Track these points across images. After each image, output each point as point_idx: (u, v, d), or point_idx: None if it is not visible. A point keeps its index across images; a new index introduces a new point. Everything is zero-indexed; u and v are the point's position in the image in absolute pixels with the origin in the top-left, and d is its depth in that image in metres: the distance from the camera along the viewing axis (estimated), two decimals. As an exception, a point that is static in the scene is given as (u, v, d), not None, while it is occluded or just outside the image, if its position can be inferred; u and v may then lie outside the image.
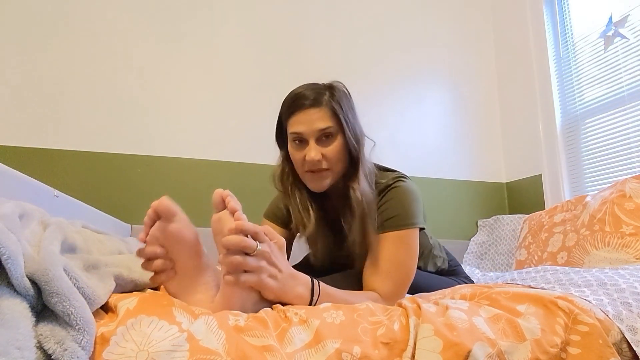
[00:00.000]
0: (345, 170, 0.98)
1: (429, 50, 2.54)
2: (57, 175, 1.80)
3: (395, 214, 0.94)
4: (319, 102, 0.94)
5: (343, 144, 0.95)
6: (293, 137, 0.97)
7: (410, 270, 0.93)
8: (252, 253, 0.64)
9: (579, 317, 0.70)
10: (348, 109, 0.97)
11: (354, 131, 0.96)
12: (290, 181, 1.03)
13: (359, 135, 0.97)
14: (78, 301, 0.47)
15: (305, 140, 0.95)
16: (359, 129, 0.99)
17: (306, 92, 0.95)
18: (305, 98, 0.95)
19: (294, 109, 0.96)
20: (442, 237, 2.17)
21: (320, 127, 0.93)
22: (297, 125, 0.95)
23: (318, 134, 0.94)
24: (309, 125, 0.93)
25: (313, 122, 0.93)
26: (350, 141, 0.95)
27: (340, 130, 0.95)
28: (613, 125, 1.97)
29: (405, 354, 0.60)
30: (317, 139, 0.94)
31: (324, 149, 0.94)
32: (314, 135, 0.94)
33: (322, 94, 0.95)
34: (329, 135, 0.94)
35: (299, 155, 0.96)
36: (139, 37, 2.03)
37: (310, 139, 0.94)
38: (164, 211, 0.65)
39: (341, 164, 0.97)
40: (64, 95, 1.89)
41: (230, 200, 0.67)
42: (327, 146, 0.94)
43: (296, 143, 0.97)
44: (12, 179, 0.83)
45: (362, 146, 0.98)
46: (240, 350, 0.51)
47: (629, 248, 1.37)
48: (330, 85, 0.99)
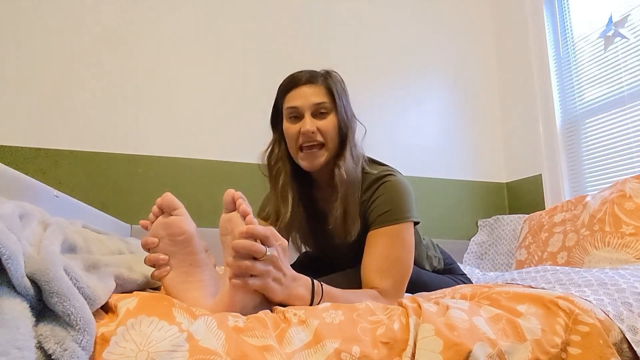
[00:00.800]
0: (336, 151, 1.01)
1: (429, 50, 2.54)
2: (57, 175, 1.80)
3: (388, 209, 0.94)
4: (315, 79, 1.00)
5: (336, 122, 0.99)
6: (289, 112, 1.00)
7: (408, 264, 0.93)
8: (261, 258, 0.64)
9: (579, 317, 0.69)
10: (341, 91, 1.02)
11: (345, 112, 1.00)
12: (278, 164, 1.05)
13: (349, 117, 1.02)
14: (78, 301, 0.47)
15: (300, 115, 0.99)
16: (350, 112, 1.03)
17: (302, 73, 1.02)
18: (301, 77, 1.01)
19: (290, 87, 1.01)
20: (442, 237, 2.18)
21: (316, 102, 0.98)
22: (292, 100, 1.00)
23: (313, 108, 0.98)
24: (304, 100, 0.98)
25: (308, 97, 0.98)
26: (342, 119, 0.99)
27: (334, 108, 0.99)
28: (613, 125, 1.97)
29: (405, 353, 0.60)
30: (313, 114, 0.98)
31: (319, 122, 0.98)
32: (310, 109, 0.98)
33: (317, 75, 1.02)
34: (324, 111, 0.99)
35: (293, 129, 0.99)
36: (139, 37, 2.03)
37: (306, 112, 0.98)
38: (166, 204, 0.66)
39: (334, 142, 1.00)
40: (64, 95, 1.89)
41: (242, 202, 0.67)
42: (322, 120, 0.98)
43: (291, 119, 1.00)
44: (12, 179, 0.83)
45: (352, 130, 1.02)
46: (239, 350, 0.51)
47: (629, 248, 1.37)
48: (325, 70, 1.04)
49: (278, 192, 1.04)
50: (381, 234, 0.93)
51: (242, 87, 2.14)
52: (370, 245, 0.94)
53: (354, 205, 0.97)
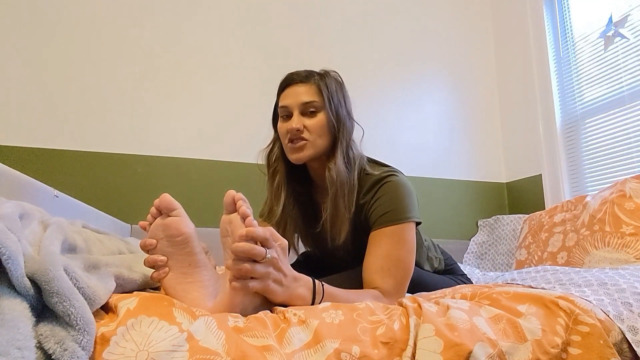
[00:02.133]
0: (327, 151, 1.01)
1: (429, 50, 2.54)
2: (57, 175, 1.80)
3: (389, 209, 0.94)
4: (307, 79, 1.01)
5: (326, 121, 1.00)
6: (281, 111, 1.03)
7: (409, 264, 0.93)
8: (261, 260, 0.64)
9: (579, 317, 0.69)
10: (335, 91, 1.02)
11: (336, 112, 1.01)
12: (276, 163, 1.07)
13: (342, 117, 1.02)
14: (78, 301, 0.47)
15: (290, 114, 1.01)
16: (344, 112, 1.03)
17: (299, 72, 1.03)
18: (296, 76, 1.02)
19: (284, 85, 1.03)
20: (442, 237, 2.18)
21: (304, 100, 0.99)
22: (284, 99, 1.03)
23: (302, 107, 1.00)
24: (294, 98, 1.00)
25: (298, 95, 1.00)
26: (331, 118, 1.00)
27: (324, 108, 1.00)
28: (613, 125, 1.97)
29: (405, 353, 0.60)
30: (302, 112, 1.00)
31: (306, 120, 0.99)
32: (298, 107, 1.00)
33: (313, 75, 1.03)
34: (313, 110, 1.00)
35: (284, 127, 1.01)
36: (138, 37, 2.03)
37: (295, 111, 1.00)
38: (164, 205, 0.66)
39: (322, 140, 1.00)
40: (64, 95, 1.89)
41: (242, 204, 0.67)
42: (310, 119, 1.00)
43: (283, 117, 1.03)
44: (12, 179, 0.83)
45: (346, 130, 1.02)
46: (239, 350, 0.51)
47: (629, 248, 1.37)
48: (324, 71, 1.05)
49: (273, 191, 1.06)
50: (383, 234, 0.93)
51: (242, 87, 2.14)
52: (372, 245, 0.94)
53: (344, 208, 0.97)
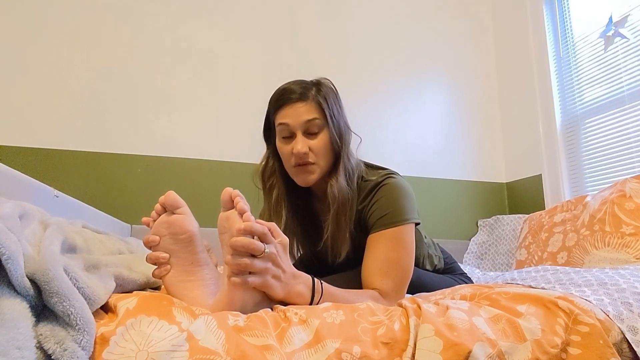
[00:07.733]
0: (329, 167, 1.00)
1: (429, 50, 2.54)
2: (57, 175, 1.80)
3: (388, 212, 0.94)
4: (305, 96, 0.97)
5: (329, 140, 0.97)
6: (280, 129, 0.99)
7: (408, 266, 0.93)
8: (259, 255, 0.64)
9: (579, 317, 0.69)
10: (334, 104, 0.99)
11: (338, 127, 0.99)
12: (272, 179, 1.06)
13: (342, 132, 1.00)
14: (78, 301, 0.47)
15: (292, 134, 0.97)
16: (343, 125, 1.01)
17: (293, 87, 0.98)
18: (292, 92, 0.97)
19: (281, 103, 0.98)
20: (442, 237, 2.18)
21: (307, 119, 0.96)
22: (284, 117, 0.97)
23: (305, 126, 0.96)
24: (295, 118, 0.96)
25: (300, 115, 0.96)
26: (334, 136, 0.97)
27: (326, 125, 0.97)
28: (613, 125, 1.97)
29: (405, 354, 0.60)
30: (304, 132, 0.97)
31: (310, 141, 0.96)
32: (301, 127, 0.96)
33: (309, 89, 0.98)
34: (316, 128, 0.97)
35: (286, 149, 0.99)
36: (138, 37, 2.03)
37: (298, 132, 0.96)
38: (169, 202, 0.66)
39: (326, 159, 0.99)
40: (64, 95, 1.89)
41: (239, 200, 0.67)
42: (313, 139, 0.97)
43: (284, 138, 0.99)
44: (12, 179, 0.83)
45: (346, 143, 1.00)
46: (239, 350, 0.51)
47: (629, 248, 1.37)
48: (317, 81, 1.01)
49: (272, 207, 1.04)
50: (381, 237, 0.93)
51: (242, 87, 2.14)
52: (371, 247, 0.94)
53: (345, 224, 0.97)
